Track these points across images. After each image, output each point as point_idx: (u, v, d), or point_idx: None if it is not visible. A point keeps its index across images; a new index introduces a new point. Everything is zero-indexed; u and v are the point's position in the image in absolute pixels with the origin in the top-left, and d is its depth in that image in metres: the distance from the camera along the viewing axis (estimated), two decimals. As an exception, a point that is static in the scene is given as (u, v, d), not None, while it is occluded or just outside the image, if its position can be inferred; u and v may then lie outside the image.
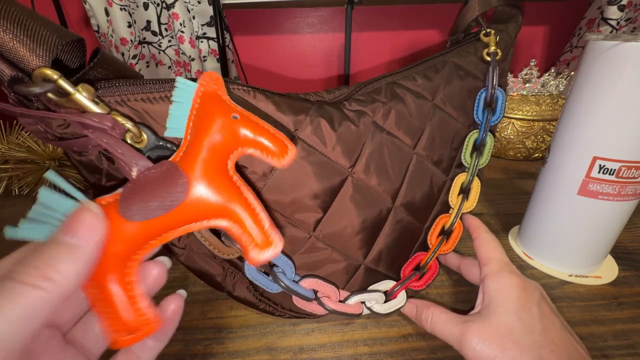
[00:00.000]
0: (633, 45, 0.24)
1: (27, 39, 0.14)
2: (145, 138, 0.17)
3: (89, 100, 0.15)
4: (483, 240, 0.27)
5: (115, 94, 0.17)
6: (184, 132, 0.16)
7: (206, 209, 0.16)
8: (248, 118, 0.17)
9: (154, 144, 0.17)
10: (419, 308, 0.26)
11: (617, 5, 0.65)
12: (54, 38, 0.14)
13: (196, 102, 0.16)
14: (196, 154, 0.16)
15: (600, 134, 0.27)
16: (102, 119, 0.15)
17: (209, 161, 0.16)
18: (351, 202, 0.24)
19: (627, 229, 0.33)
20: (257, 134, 0.17)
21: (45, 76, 0.14)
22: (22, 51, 0.14)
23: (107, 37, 0.74)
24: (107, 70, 0.17)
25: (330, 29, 0.82)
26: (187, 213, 0.16)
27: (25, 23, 0.14)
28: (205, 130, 0.16)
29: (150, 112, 0.18)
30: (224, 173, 0.16)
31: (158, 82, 0.18)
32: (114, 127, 0.15)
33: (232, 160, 0.17)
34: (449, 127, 0.28)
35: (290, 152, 0.17)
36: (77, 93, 0.14)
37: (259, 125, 0.17)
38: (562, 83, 0.57)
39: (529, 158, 0.59)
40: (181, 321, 0.28)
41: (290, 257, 0.24)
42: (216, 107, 0.17)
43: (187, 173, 0.15)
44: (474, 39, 0.30)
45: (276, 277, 0.23)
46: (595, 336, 0.26)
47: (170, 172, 0.15)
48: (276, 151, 0.17)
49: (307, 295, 0.24)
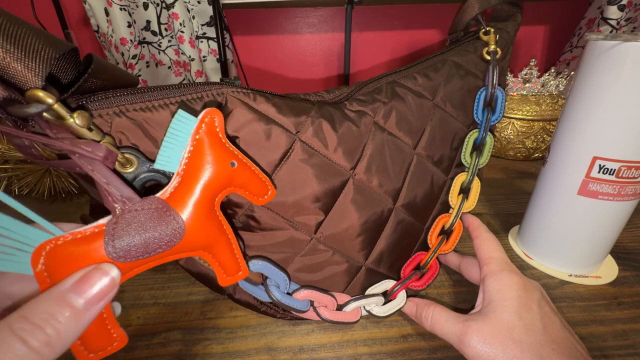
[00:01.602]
0: (633, 45, 0.24)
1: (19, 52, 0.13)
2: (134, 163, 0.16)
3: (84, 127, 0.14)
4: (483, 240, 0.27)
5: (114, 104, 0.16)
6: (176, 167, 0.16)
7: (193, 246, 0.16)
8: (245, 165, 0.18)
9: (144, 170, 0.17)
10: (419, 307, 0.26)
11: (617, 5, 0.65)
12: (48, 50, 0.13)
13: (194, 139, 0.16)
14: (188, 194, 0.16)
15: (600, 134, 0.27)
16: (95, 149, 0.14)
17: (201, 203, 0.16)
18: (352, 203, 0.24)
19: (627, 229, 0.33)
20: (248, 180, 0.18)
21: (38, 99, 0.13)
22: (14, 66, 0.13)
23: (107, 37, 0.74)
24: (102, 78, 0.16)
25: (330, 28, 0.82)
26: (174, 250, 0.16)
27: (17, 35, 0.13)
28: (201, 173, 0.16)
29: (150, 122, 0.17)
30: (212, 212, 0.17)
31: (157, 89, 0.17)
32: (106, 157, 0.15)
33: (219, 199, 0.17)
34: (449, 126, 0.28)
35: (271, 194, 0.20)
36: (71, 119, 0.14)
37: (251, 171, 0.18)
38: (562, 83, 0.57)
39: (529, 158, 0.59)
40: (181, 321, 0.28)
41: (284, 269, 0.24)
42: (216, 151, 0.16)
43: (179, 213, 0.15)
44: (474, 38, 0.30)
45: (269, 290, 0.23)
46: (595, 336, 0.26)
47: (165, 213, 0.15)
48: (260, 194, 0.19)
49: (300, 308, 0.24)
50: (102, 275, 0.13)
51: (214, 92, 0.19)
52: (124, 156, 0.16)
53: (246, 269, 0.20)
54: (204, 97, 0.18)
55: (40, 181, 0.48)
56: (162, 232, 0.15)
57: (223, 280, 0.19)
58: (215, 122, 0.16)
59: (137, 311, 0.29)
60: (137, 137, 0.17)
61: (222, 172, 0.16)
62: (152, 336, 0.26)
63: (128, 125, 0.17)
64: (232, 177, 0.17)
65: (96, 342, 0.15)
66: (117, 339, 0.15)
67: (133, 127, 0.17)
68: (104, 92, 0.16)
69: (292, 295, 0.24)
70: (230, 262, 0.19)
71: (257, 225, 0.22)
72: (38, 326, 0.11)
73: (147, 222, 0.15)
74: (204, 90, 0.19)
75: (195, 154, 0.16)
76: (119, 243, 0.14)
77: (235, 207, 0.22)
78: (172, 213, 0.15)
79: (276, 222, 0.22)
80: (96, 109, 0.16)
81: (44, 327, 0.11)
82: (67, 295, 0.12)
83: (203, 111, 0.16)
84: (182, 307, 0.29)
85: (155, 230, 0.15)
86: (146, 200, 0.15)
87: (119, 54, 0.75)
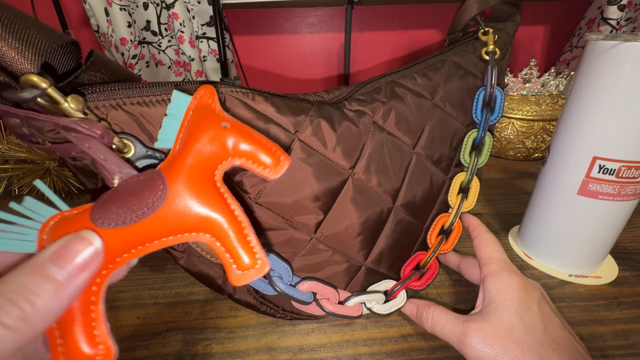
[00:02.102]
0: (633, 45, 0.24)
1: (15, 41, 0.13)
2: (131, 148, 0.16)
3: (78, 111, 0.14)
4: (483, 240, 0.27)
5: (111, 97, 0.16)
6: (174, 143, 0.16)
7: (187, 220, 0.15)
8: (238, 127, 0.16)
9: (142, 154, 0.17)
10: (420, 308, 0.26)
11: (617, 5, 0.65)
12: (44, 41, 0.14)
13: (188, 115, 0.16)
14: (182, 162, 0.15)
15: (600, 134, 0.27)
16: (92, 126, 0.14)
17: (195, 170, 0.15)
18: (352, 203, 0.24)
19: (627, 229, 0.33)
20: (248, 143, 0.16)
21: (32, 83, 0.13)
22: (9, 54, 0.13)
23: (107, 37, 0.74)
24: (102, 72, 0.16)
25: (330, 28, 0.82)
26: (166, 224, 0.14)
27: (14, 25, 0.13)
28: (193, 139, 0.16)
29: (147, 116, 0.17)
30: (211, 183, 0.15)
31: (155, 85, 0.17)
32: (103, 135, 0.15)
33: (220, 171, 0.16)
34: (449, 126, 0.28)
35: (283, 163, 0.16)
36: (65, 103, 0.14)
37: (250, 134, 0.16)
38: (562, 83, 0.57)
39: (529, 158, 0.59)
40: (181, 321, 0.28)
41: (287, 260, 0.24)
42: (206, 117, 0.16)
43: (170, 180, 0.14)
44: (473, 38, 0.30)
45: (272, 281, 0.23)
46: (595, 336, 0.26)
47: (152, 178, 0.15)
48: (268, 162, 0.16)
49: (304, 300, 0.24)
50: (83, 244, 0.12)
51: None
52: (122, 140, 0.16)
53: (267, 262, 0.15)
54: None
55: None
56: (145, 193, 0.14)
57: (235, 277, 0.15)
58: (208, 95, 0.17)
59: (137, 311, 0.29)
60: (133, 130, 0.17)
61: (214, 135, 0.16)
62: (152, 336, 0.26)
63: (124, 119, 0.17)
64: (226, 142, 0.16)
65: (72, 346, 0.13)
66: (100, 352, 0.13)
67: (129, 121, 0.17)
68: (101, 85, 0.16)
69: (296, 287, 0.24)
70: (242, 250, 0.15)
71: (257, 226, 0.22)
72: (10, 300, 0.10)
73: (134, 187, 0.14)
74: None
75: (187, 125, 0.16)
76: (104, 208, 0.14)
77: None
78: (161, 177, 0.15)
79: (276, 222, 0.22)
80: (93, 100, 0.16)
81: (17, 302, 0.10)
82: (45, 266, 0.11)
83: (198, 88, 0.17)
84: (182, 307, 0.29)
85: (139, 192, 0.14)
86: (142, 173, 0.15)
87: (119, 54, 0.75)
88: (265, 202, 0.22)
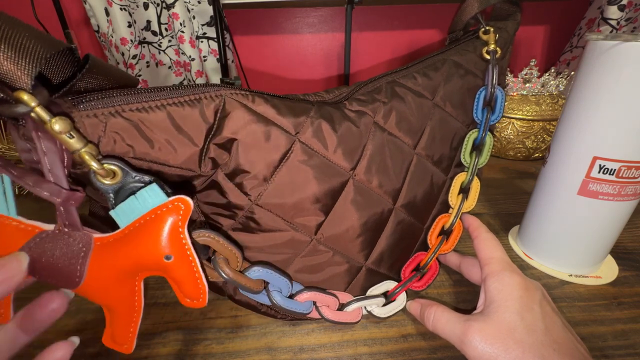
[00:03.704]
0: (633, 45, 0.23)
1: (10, 51, 0.13)
2: (118, 174, 0.16)
3: (62, 133, 0.14)
4: (483, 240, 0.27)
5: (109, 105, 0.16)
6: (126, 224, 0.17)
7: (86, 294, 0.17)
8: (184, 263, 0.17)
9: (129, 181, 0.17)
10: (423, 306, 0.26)
11: (617, 5, 0.65)
12: (40, 49, 0.13)
13: (153, 212, 0.16)
14: (112, 253, 0.17)
15: (600, 134, 0.27)
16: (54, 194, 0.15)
17: (118, 266, 0.17)
18: (352, 204, 0.24)
19: (627, 229, 0.33)
20: (183, 279, 0.18)
21: (23, 102, 0.13)
22: (6, 65, 0.13)
23: (107, 37, 0.74)
24: (99, 78, 0.16)
25: (330, 29, 0.82)
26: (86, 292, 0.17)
27: (10, 35, 0.13)
28: (137, 243, 0.17)
29: (146, 122, 0.17)
30: (128, 281, 0.18)
31: (153, 90, 0.17)
32: (65, 201, 0.15)
33: (144, 274, 0.18)
34: (449, 126, 0.28)
35: (199, 303, 0.19)
36: (49, 124, 0.14)
37: (190, 273, 0.18)
38: (562, 83, 0.57)
39: (529, 158, 0.59)
40: (181, 321, 0.28)
41: (286, 273, 0.24)
42: (156, 238, 0.17)
43: (91, 264, 0.16)
44: (473, 37, 0.30)
45: (271, 296, 0.23)
46: (595, 336, 0.26)
47: (80, 254, 0.16)
48: (189, 295, 0.18)
49: (302, 312, 0.24)
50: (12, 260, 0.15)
51: (212, 94, 0.19)
52: (104, 168, 0.16)
53: (131, 348, 0.19)
54: (202, 98, 0.18)
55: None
56: (62, 271, 0.16)
57: (106, 339, 0.19)
58: (181, 209, 0.17)
59: (137, 311, 0.29)
60: (133, 137, 0.17)
61: (153, 256, 0.17)
62: (152, 336, 0.26)
63: (123, 126, 0.16)
64: (163, 267, 0.17)
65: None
66: None
67: (129, 127, 0.17)
68: (99, 92, 0.16)
69: (295, 298, 0.24)
70: (120, 332, 0.19)
71: (257, 227, 0.22)
72: None
73: (61, 251, 0.16)
74: (202, 92, 0.18)
75: (144, 224, 0.16)
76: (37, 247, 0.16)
77: (235, 209, 0.22)
78: (85, 262, 0.16)
79: (276, 223, 0.22)
80: (91, 108, 0.16)
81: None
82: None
83: (174, 196, 0.17)
84: (182, 307, 0.29)
85: (59, 264, 0.16)
86: (83, 234, 0.16)
87: (119, 54, 0.75)
88: (265, 203, 0.22)
